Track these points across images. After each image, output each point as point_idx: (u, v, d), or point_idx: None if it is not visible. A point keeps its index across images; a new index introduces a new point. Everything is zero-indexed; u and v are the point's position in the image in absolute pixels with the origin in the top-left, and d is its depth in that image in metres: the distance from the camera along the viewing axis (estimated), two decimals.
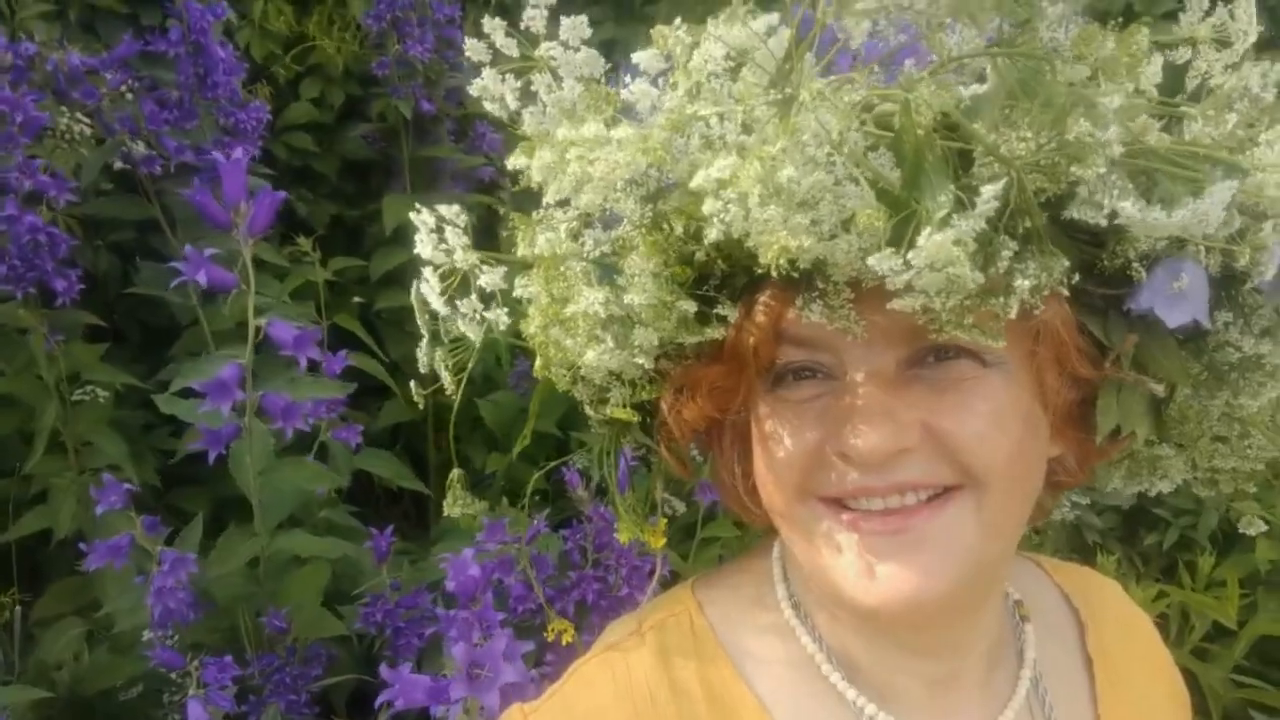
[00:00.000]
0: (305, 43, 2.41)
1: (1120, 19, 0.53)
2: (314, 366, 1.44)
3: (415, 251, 0.63)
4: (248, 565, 1.61)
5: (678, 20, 0.54)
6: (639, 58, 0.54)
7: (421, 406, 0.71)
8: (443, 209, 0.62)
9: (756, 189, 0.46)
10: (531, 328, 0.59)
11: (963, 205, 0.45)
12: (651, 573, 1.35)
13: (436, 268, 0.62)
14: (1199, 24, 0.55)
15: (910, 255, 0.44)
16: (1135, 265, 0.51)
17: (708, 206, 0.48)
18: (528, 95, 0.58)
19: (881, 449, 0.54)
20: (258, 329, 1.32)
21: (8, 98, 1.50)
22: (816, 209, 0.46)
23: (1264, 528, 0.76)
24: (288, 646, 1.59)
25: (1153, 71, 0.53)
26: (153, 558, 1.41)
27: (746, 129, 0.52)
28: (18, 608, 1.71)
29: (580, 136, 0.52)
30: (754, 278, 0.55)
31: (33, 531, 1.72)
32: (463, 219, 0.62)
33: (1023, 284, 0.48)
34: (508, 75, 0.58)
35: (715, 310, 0.56)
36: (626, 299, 0.54)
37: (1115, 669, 0.73)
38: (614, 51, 0.58)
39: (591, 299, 0.54)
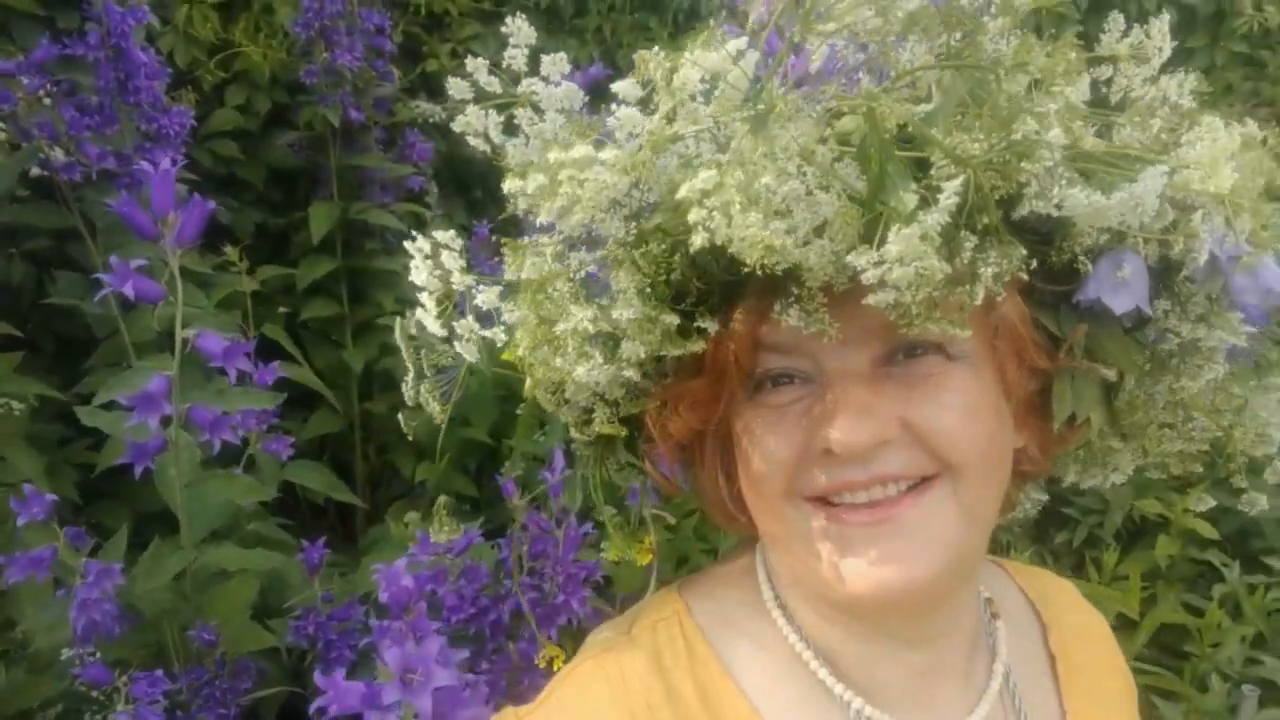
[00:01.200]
0: (231, 49, 2.38)
1: (1052, 32, 0.59)
2: (242, 377, 1.43)
3: (410, 278, 0.65)
4: (174, 579, 1.59)
5: (653, 46, 0.57)
6: (618, 87, 0.57)
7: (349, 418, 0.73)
8: (439, 235, 0.64)
9: (737, 196, 0.49)
10: (520, 350, 0.61)
11: (926, 203, 0.49)
12: (587, 579, 1.37)
13: (431, 293, 0.64)
14: (1118, 43, 0.59)
15: (882, 251, 0.48)
16: (1081, 259, 0.55)
17: (693, 215, 0.50)
18: (509, 129, 0.61)
19: (863, 442, 0.57)
20: (185, 340, 1.31)
21: None
22: (791, 216, 0.49)
23: (1211, 503, 0.82)
24: (216, 660, 1.57)
25: (1082, 86, 0.58)
26: (75, 571, 1.38)
27: (722, 147, 0.55)
28: None
29: (570, 158, 0.54)
30: (729, 294, 0.59)
31: None
32: (458, 243, 0.64)
33: (986, 271, 0.52)
34: (490, 110, 0.61)
35: (695, 324, 0.58)
36: (615, 314, 0.56)
37: (1075, 666, 0.77)
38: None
39: (580, 316, 0.57)
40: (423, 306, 0.65)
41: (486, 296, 0.62)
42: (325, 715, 1.13)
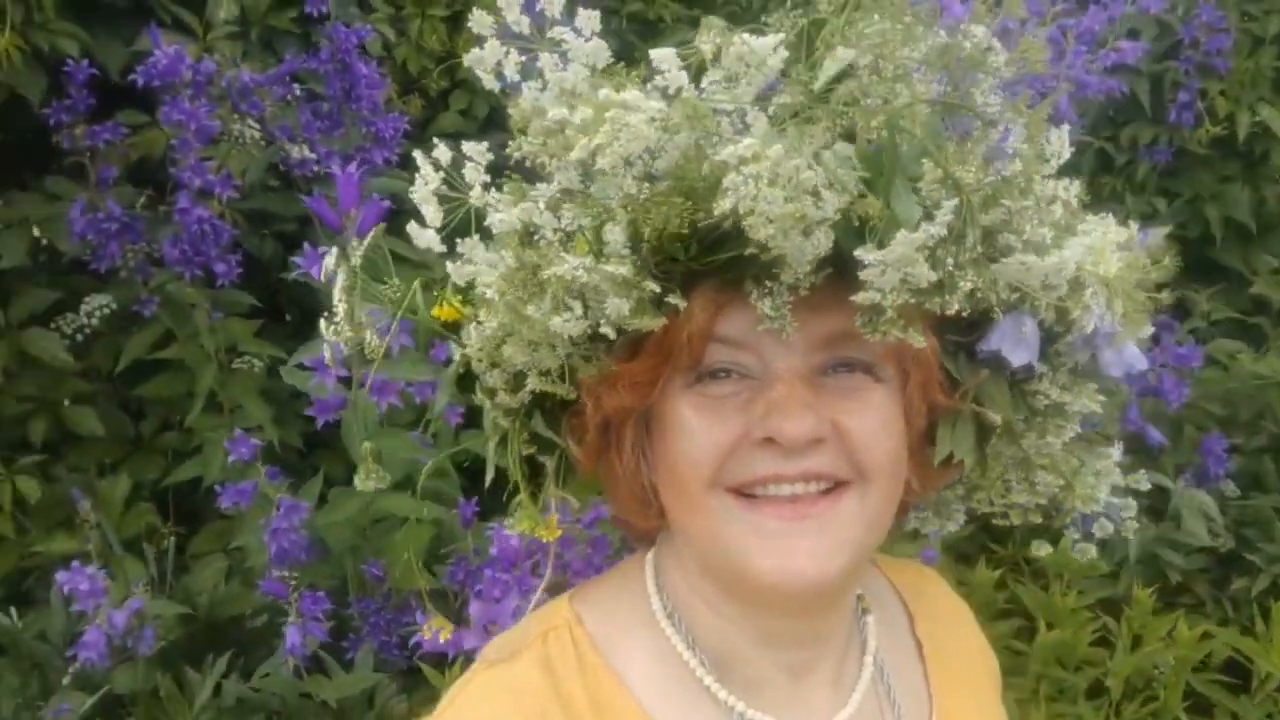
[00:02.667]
0: (455, 58, 2.66)
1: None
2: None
3: (410, 192, 0.65)
4: (357, 521, 1.85)
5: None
6: (657, 54, 0.61)
7: None
8: (467, 146, 0.65)
9: (770, 169, 0.53)
10: (489, 292, 0.62)
11: (929, 216, 0.57)
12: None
13: (443, 203, 0.64)
14: (1023, 144, 0.64)
15: (884, 252, 0.55)
16: (996, 310, 0.62)
17: (728, 180, 0.54)
18: (525, 72, 0.63)
19: (807, 433, 0.62)
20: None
21: (184, 109, 1.79)
22: (808, 200, 0.55)
23: (1050, 549, 0.84)
24: (384, 594, 1.82)
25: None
26: (272, 504, 1.66)
27: (739, 132, 0.60)
28: (172, 538, 2.02)
29: (621, 100, 0.57)
30: (690, 281, 0.62)
31: (190, 478, 2.03)
32: (486, 156, 0.65)
33: (964, 286, 0.59)
34: (511, 50, 0.62)
35: (666, 298, 0.61)
36: (608, 268, 0.58)
37: (941, 652, 0.82)
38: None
39: (574, 264, 0.58)
40: (419, 222, 0.65)
41: (505, 216, 0.61)
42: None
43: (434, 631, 0.78)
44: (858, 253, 0.56)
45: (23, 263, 2.17)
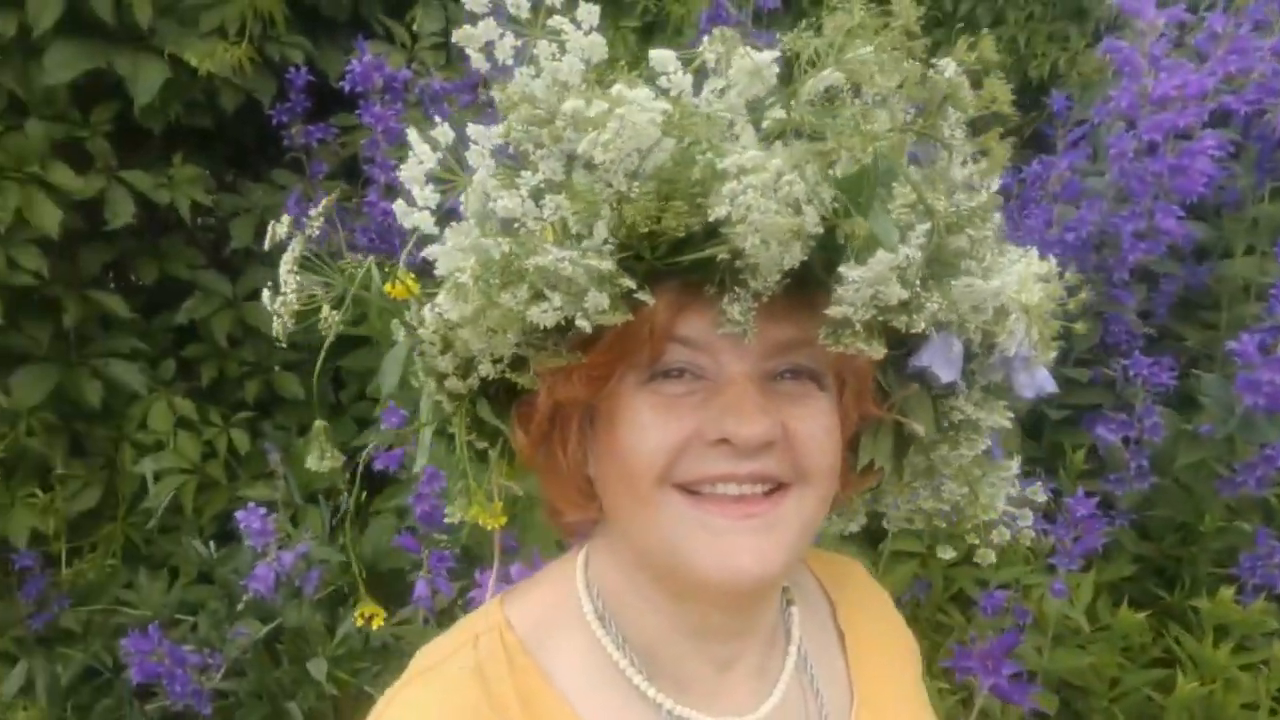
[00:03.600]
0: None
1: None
2: None
3: (400, 177, 0.64)
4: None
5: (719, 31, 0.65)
6: (656, 55, 0.62)
7: None
8: (473, 129, 0.64)
9: (768, 181, 0.55)
10: (463, 277, 0.61)
11: (903, 239, 0.60)
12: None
13: (438, 185, 0.64)
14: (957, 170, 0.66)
15: (862, 271, 0.58)
16: (931, 331, 0.64)
17: (726, 188, 0.55)
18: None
19: (762, 436, 0.63)
20: None
21: (375, 111, 2.00)
22: (788, 214, 0.58)
23: (953, 553, 0.82)
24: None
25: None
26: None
27: (724, 138, 0.62)
28: (350, 495, 2.25)
29: (632, 96, 0.57)
30: (652, 280, 0.61)
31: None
32: (493, 141, 0.63)
33: (930, 306, 0.61)
34: (506, 33, 0.62)
35: (635, 294, 0.61)
36: (593, 262, 0.58)
37: (862, 639, 0.83)
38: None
39: (560, 255, 0.58)
40: (406, 201, 0.64)
41: (508, 203, 0.60)
42: None
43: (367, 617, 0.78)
44: (841, 269, 0.58)
45: (250, 244, 2.50)
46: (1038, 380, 0.67)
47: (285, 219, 0.65)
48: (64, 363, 2.36)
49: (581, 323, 0.60)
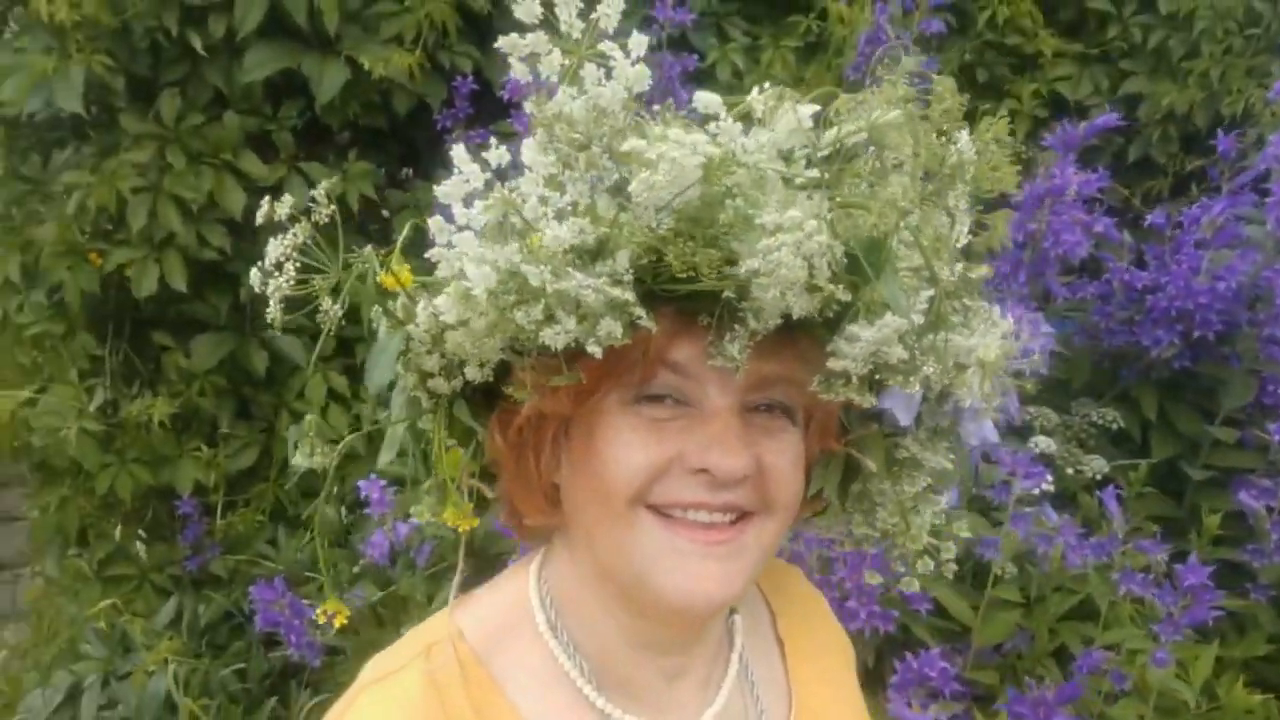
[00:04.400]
0: (800, 86, 2.78)
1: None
2: None
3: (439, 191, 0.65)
4: None
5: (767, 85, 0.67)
6: (701, 98, 0.63)
7: None
8: (527, 155, 0.64)
9: (799, 240, 0.56)
10: (478, 289, 0.60)
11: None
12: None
13: (486, 209, 0.63)
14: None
15: (872, 332, 0.61)
16: (897, 379, 0.67)
17: (762, 244, 0.57)
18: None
19: (743, 470, 0.66)
20: None
21: (524, 120, 2.11)
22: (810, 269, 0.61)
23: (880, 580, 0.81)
24: None
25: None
26: None
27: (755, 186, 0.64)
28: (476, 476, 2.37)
29: (688, 140, 0.59)
30: (647, 304, 0.61)
31: None
32: (549, 169, 0.63)
33: (925, 370, 0.64)
34: (553, 49, 0.62)
35: (639, 321, 0.61)
36: (612, 291, 0.59)
37: (801, 647, 0.86)
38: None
39: (584, 282, 0.58)
40: (452, 227, 0.64)
41: (558, 234, 0.59)
42: None
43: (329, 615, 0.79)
44: (853, 328, 0.60)
45: (412, 238, 2.68)
46: (983, 430, 0.71)
47: (286, 198, 0.66)
48: (238, 332, 2.60)
49: (593, 348, 0.60)
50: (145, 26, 2.32)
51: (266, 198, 0.67)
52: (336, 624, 0.75)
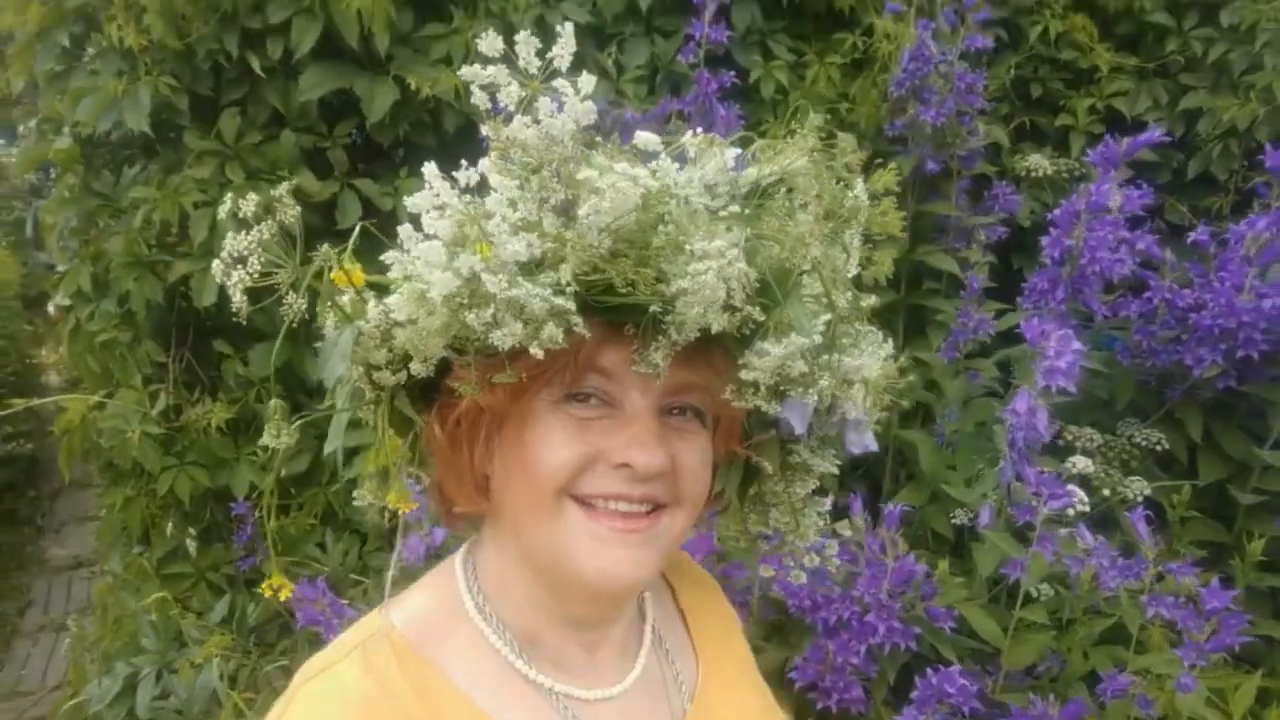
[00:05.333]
0: (844, 102, 2.79)
1: None
2: None
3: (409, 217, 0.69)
4: None
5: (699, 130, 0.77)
6: (641, 137, 0.73)
7: None
8: (494, 178, 0.69)
9: (723, 266, 0.65)
10: (433, 293, 0.65)
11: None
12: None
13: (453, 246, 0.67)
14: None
15: (780, 348, 0.69)
16: (797, 390, 0.74)
17: (692, 266, 0.65)
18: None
19: (660, 466, 0.73)
20: None
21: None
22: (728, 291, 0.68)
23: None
24: None
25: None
26: None
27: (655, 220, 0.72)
28: None
29: (631, 173, 0.67)
30: (581, 313, 0.67)
31: None
32: (512, 214, 0.67)
33: (822, 382, 0.72)
34: (513, 81, 0.68)
35: (575, 326, 0.67)
36: (556, 300, 0.65)
37: (699, 616, 0.97)
38: None
39: (534, 290, 0.64)
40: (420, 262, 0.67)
41: (517, 248, 0.64)
42: None
43: (274, 589, 0.81)
44: (763, 345, 0.69)
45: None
46: (865, 439, 0.79)
47: (251, 198, 0.68)
48: (294, 341, 2.70)
49: (535, 350, 0.66)
50: (208, 49, 2.43)
51: (229, 195, 0.72)
52: (281, 597, 0.81)
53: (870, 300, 0.78)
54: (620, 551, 0.74)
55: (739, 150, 0.76)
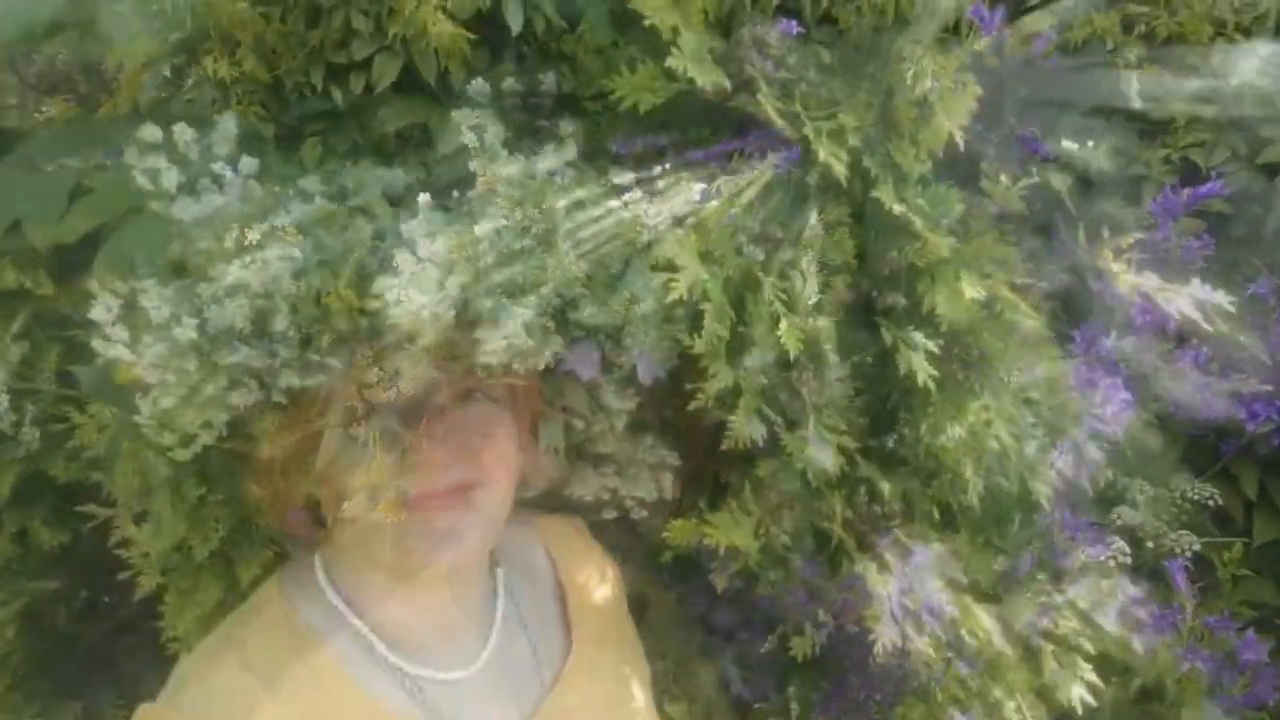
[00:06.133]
0: None
1: None
2: None
3: None
4: None
5: None
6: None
7: None
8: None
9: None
10: (167, 375, 0.73)
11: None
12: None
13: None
14: None
15: (499, 332, 0.73)
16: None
17: (390, 294, 0.70)
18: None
19: (453, 484, 0.82)
20: None
21: None
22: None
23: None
24: None
25: None
26: None
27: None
28: None
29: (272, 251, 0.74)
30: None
31: None
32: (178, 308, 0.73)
33: (546, 353, 0.76)
34: (174, 167, 0.81)
35: (324, 363, 0.74)
36: (280, 353, 0.73)
37: (580, 594, 1.01)
38: None
39: (248, 352, 0.73)
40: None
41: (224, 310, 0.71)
42: None
43: None
44: (479, 333, 0.73)
45: None
46: (650, 368, 0.83)
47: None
48: None
49: (277, 397, 0.74)
50: (294, 81, 2.57)
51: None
52: None
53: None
54: (439, 531, 0.82)
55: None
